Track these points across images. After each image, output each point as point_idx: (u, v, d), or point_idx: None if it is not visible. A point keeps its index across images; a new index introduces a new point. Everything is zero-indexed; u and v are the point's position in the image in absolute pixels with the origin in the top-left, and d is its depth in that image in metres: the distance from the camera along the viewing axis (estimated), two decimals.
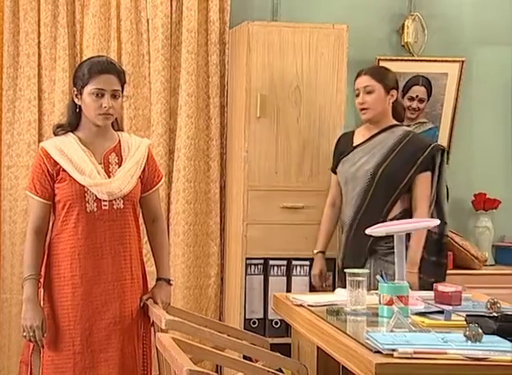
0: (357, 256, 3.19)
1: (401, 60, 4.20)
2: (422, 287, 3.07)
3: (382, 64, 4.12)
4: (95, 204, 2.64)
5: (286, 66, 3.80)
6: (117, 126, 2.82)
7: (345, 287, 3.02)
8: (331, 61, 3.81)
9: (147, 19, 4.03)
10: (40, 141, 3.95)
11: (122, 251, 2.68)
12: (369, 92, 3.20)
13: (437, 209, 3.19)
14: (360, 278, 2.50)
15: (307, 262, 3.69)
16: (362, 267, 3.09)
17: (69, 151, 2.66)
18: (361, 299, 2.50)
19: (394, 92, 3.24)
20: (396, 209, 3.17)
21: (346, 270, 2.58)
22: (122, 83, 2.71)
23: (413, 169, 3.14)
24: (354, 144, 3.29)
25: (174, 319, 2.53)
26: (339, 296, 2.68)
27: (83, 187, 2.63)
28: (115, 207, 2.66)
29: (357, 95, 3.25)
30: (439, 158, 3.16)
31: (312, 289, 3.65)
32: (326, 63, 3.81)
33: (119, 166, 2.70)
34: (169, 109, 4.04)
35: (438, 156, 3.16)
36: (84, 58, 3.92)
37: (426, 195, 3.15)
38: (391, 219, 3.11)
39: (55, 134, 2.77)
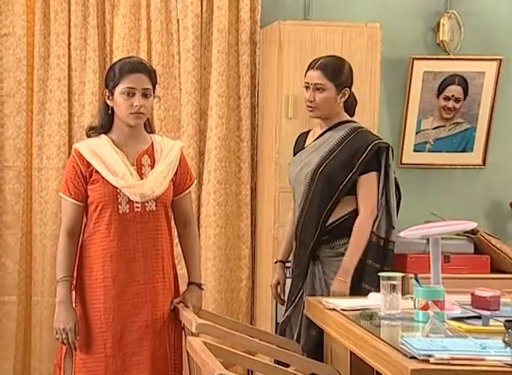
0: (302, 263, 3.05)
1: (436, 59, 4.16)
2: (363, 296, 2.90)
3: (416, 64, 4.10)
4: (128, 206, 2.66)
5: None
6: (150, 128, 2.84)
7: (292, 297, 3.04)
8: (364, 61, 3.80)
9: (178, 20, 4.06)
10: (70, 142, 4.01)
11: (154, 254, 2.71)
12: (319, 90, 3.01)
13: (385, 212, 3.01)
14: (394, 282, 2.50)
15: None
16: (306, 275, 3.02)
17: (102, 152, 2.69)
18: (396, 303, 2.49)
19: (347, 91, 3.05)
20: (341, 212, 2.99)
21: (380, 274, 2.57)
22: (153, 82, 2.73)
23: (353, 170, 2.96)
24: (306, 145, 3.15)
25: (205, 322, 2.54)
26: (373, 300, 2.67)
27: (116, 188, 2.66)
28: (147, 209, 2.69)
29: (307, 88, 3.05)
30: (383, 157, 2.99)
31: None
32: (359, 63, 3.78)
33: (152, 168, 2.73)
34: (200, 110, 4.06)
35: (383, 155, 2.99)
36: (114, 59, 3.96)
37: (369, 196, 2.96)
38: (333, 223, 2.98)
39: (88, 136, 2.81)
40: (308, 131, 3.22)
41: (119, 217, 2.66)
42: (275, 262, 3.28)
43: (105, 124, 2.76)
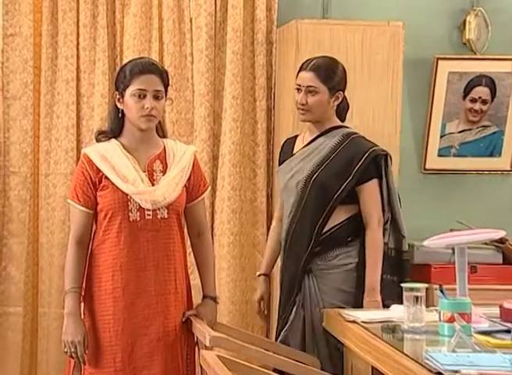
0: (293, 277, 3.01)
1: (462, 59, 4.15)
2: None
3: (441, 64, 4.09)
4: (138, 213, 2.67)
5: None
6: (162, 132, 2.85)
7: (283, 315, 3.01)
8: (385, 61, 3.80)
9: (191, 19, 4.07)
10: (78, 147, 4.03)
11: (166, 263, 2.71)
12: (312, 93, 2.99)
13: (391, 221, 3.01)
14: (418, 293, 2.49)
15: None
16: (299, 290, 2.99)
17: (112, 157, 2.70)
18: (420, 316, 2.48)
19: (340, 94, 3.03)
20: (334, 221, 2.97)
21: (403, 285, 2.57)
22: (165, 84, 2.74)
23: (348, 179, 2.95)
24: (294, 151, 3.11)
25: (219, 335, 2.54)
26: (396, 312, 2.66)
27: (126, 195, 2.67)
28: (159, 216, 2.69)
29: (298, 90, 3.03)
30: (382, 164, 2.98)
31: None
32: (380, 63, 3.80)
33: (164, 174, 2.74)
34: (213, 113, 4.07)
35: (381, 163, 2.98)
36: (124, 60, 3.99)
37: (374, 205, 2.96)
38: (326, 233, 2.96)
39: (98, 141, 2.82)
40: (295, 137, 3.19)
41: (129, 225, 2.66)
42: (258, 276, 3.24)
43: (115, 128, 2.77)
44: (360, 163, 2.95)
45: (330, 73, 3.02)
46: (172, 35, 4.05)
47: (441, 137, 4.20)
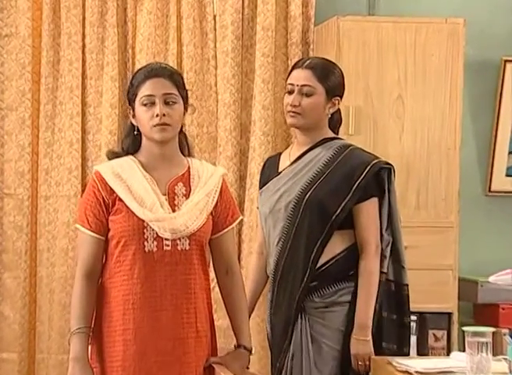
0: (285, 318, 2.98)
1: None
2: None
3: (509, 67, 4.07)
4: (155, 243, 2.65)
5: (386, 71, 3.82)
6: (187, 150, 2.83)
7: (277, 364, 2.96)
8: (443, 64, 3.80)
9: (214, 16, 4.09)
10: (83, 165, 4.05)
11: (185, 303, 2.67)
12: (307, 94, 2.98)
13: (391, 249, 2.98)
14: (483, 339, 2.46)
15: (413, 317, 3.59)
16: (292, 332, 2.95)
17: (128, 177, 2.69)
18: (485, 366, 2.44)
19: (337, 100, 3.02)
20: (333, 250, 2.94)
21: (464, 328, 2.54)
22: (179, 87, 2.71)
23: (348, 197, 2.92)
24: (280, 170, 3.08)
25: None
26: (456, 361, 2.63)
27: (143, 221, 2.65)
28: (179, 248, 2.67)
29: (290, 92, 3.01)
30: (385, 180, 2.96)
31: (421, 351, 3.61)
32: (436, 67, 3.80)
33: (187, 198, 2.71)
34: (240, 126, 4.09)
35: (384, 178, 2.95)
36: (137, 64, 4.02)
37: (371, 228, 2.93)
38: (324, 265, 2.94)
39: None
40: (279, 154, 3.18)
41: (144, 256, 2.64)
42: None
43: (128, 147, 2.76)
44: (361, 178, 2.92)
45: (329, 74, 3.01)
46: (192, 35, 4.07)
47: (509, 153, 4.19)
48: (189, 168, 2.77)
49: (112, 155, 2.80)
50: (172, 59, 4.01)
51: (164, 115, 2.64)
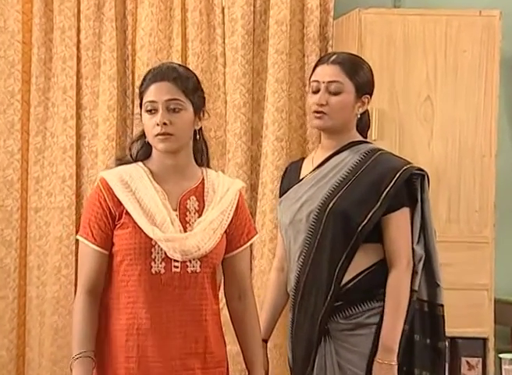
0: (307, 342, 2.94)
1: None
2: None
3: None
4: (163, 264, 2.62)
5: (413, 69, 3.81)
6: (202, 159, 2.79)
7: None
8: (476, 60, 3.79)
9: (222, 8, 4.08)
10: (78, 174, 4.02)
11: (194, 331, 2.64)
12: (335, 92, 2.93)
13: (425, 265, 2.93)
14: None
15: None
16: (315, 357, 2.91)
17: (137, 188, 2.66)
18: None
19: (367, 99, 2.98)
20: (360, 265, 2.90)
21: (501, 355, 2.51)
22: (187, 91, 2.67)
23: (376, 206, 2.87)
24: (302, 176, 3.05)
25: None
26: None
27: (150, 239, 2.61)
28: (188, 270, 2.63)
29: (315, 91, 2.96)
30: (418, 187, 2.91)
31: None
32: (469, 63, 3.79)
33: (200, 215, 2.68)
34: (251, 130, 4.08)
35: (417, 185, 2.91)
36: (137, 61, 4.02)
37: (402, 241, 2.89)
38: (350, 282, 2.89)
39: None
40: (302, 160, 3.16)
41: (150, 278, 2.61)
42: None
43: (138, 154, 2.73)
44: (390, 186, 2.87)
45: (358, 69, 2.96)
46: (198, 30, 4.06)
47: None
48: (203, 180, 2.74)
49: (118, 162, 2.78)
50: (177, 56, 4.01)
51: (165, 123, 2.61)
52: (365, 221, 2.86)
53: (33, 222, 4.03)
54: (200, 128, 2.73)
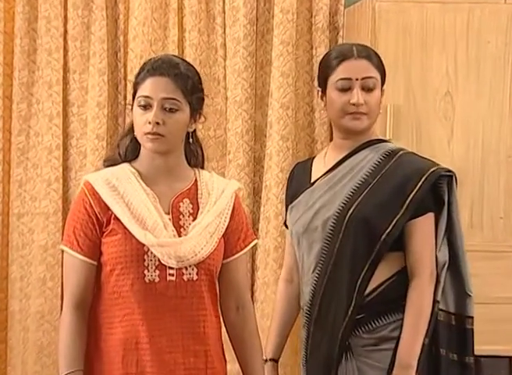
0: (325, 360, 2.92)
1: None
2: None
3: None
4: (157, 272, 2.62)
5: (431, 62, 3.77)
6: (196, 162, 2.80)
7: None
8: (501, 52, 3.77)
9: None
10: (65, 176, 4.02)
11: (193, 345, 2.65)
12: (369, 89, 2.92)
13: (451, 273, 2.93)
14: None
15: None
16: None
17: (125, 190, 2.66)
18: None
19: (383, 91, 3.01)
20: (382, 275, 2.89)
21: None
22: (186, 91, 2.66)
23: (401, 212, 2.86)
24: (313, 179, 3.04)
25: None
26: None
27: (143, 245, 2.61)
28: (185, 278, 2.64)
29: (346, 89, 2.92)
30: (445, 190, 2.90)
31: None
32: (493, 55, 3.76)
33: (194, 218, 2.68)
34: (254, 129, 4.08)
35: (443, 188, 2.89)
36: (130, 53, 4.01)
37: (426, 249, 2.88)
38: (372, 293, 2.88)
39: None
40: (310, 160, 3.15)
41: (144, 288, 2.62)
42: (265, 361, 3.10)
43: (126, 152, 2.74)
44: (416, 189, 2.86)
45: (380, 59, 2.98)
46: (196, 19, 4.06)
47: None
48: (196, 181, 2.76)
49: (106, 162, 2.79)
50: (172, 48, 4.00)
51: (158, 123, 2.61)
52: (389, 228, 2.85)
53: (16, 229, 4.03)
54: (194, 130, 2.72)
